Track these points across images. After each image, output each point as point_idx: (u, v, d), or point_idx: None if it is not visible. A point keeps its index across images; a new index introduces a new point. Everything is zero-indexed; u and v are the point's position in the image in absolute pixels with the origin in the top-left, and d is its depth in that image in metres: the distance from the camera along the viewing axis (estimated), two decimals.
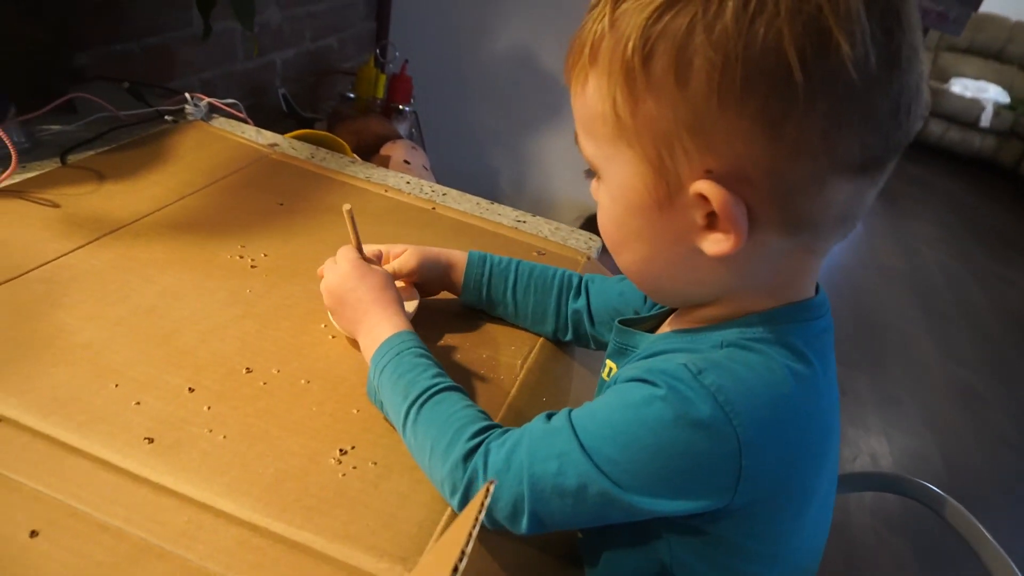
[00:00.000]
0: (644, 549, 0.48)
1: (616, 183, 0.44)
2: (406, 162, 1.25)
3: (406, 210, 0.88)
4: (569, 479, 0.44)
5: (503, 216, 0.92)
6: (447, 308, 0.70)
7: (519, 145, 2.09)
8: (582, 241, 0.90)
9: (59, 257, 0.67)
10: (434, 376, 0.53)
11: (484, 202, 0.95)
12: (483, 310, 0.70)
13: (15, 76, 0.84)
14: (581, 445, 0.44)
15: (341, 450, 0.53)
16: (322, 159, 0.97)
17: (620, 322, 0.56)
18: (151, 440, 0.51)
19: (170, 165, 0.87)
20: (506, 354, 0.66)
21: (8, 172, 0.74)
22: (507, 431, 0.49)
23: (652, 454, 0.42)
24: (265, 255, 0.74)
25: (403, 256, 0.67)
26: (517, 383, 0.63)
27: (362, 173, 0.96)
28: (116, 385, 0.54)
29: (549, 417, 0.48)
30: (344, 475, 0.51)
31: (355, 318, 0.59)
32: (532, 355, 0.67)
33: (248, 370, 0.59)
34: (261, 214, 0.81)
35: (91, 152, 0.86)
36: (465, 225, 0.88)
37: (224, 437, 0.52)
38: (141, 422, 0.52)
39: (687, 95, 0.39)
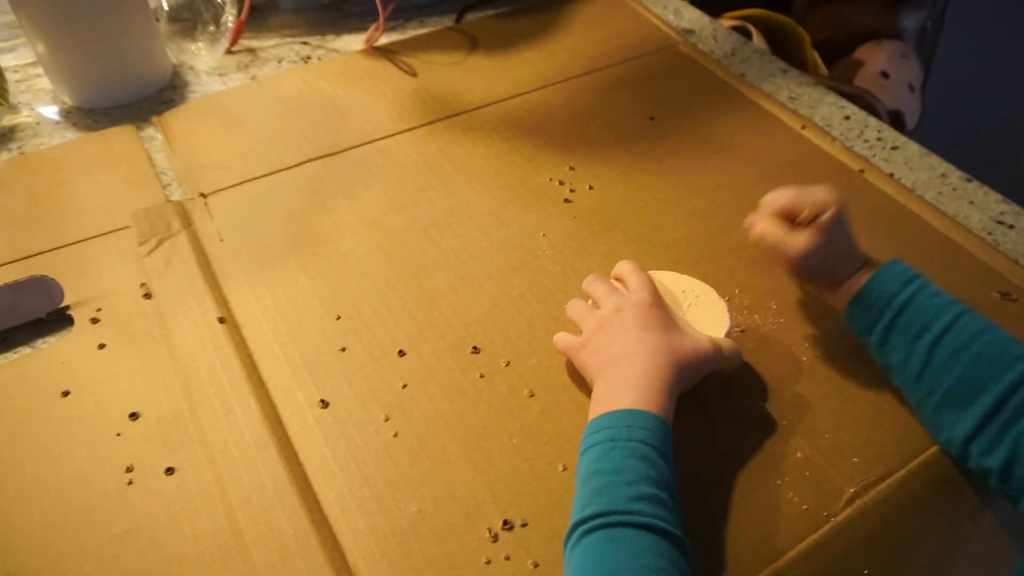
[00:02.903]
0: None
1: None
2: (883, 75, 0.89)
3: (818, 164, 0.61)
4: None
5: (976, 208, 0.58)
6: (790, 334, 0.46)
7: None
8: None
9: (384, 138, 0.62)
10: (636, 498, 0.33)
11: (957, 175, 0.60)
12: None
13: None
14: None
15: (506, 522, 0.38)
16: (744, 59, 0.73)
17: None
18: (326, 405, 0.43)
19: (553, 43, 0.74)
20: (846, 459, 0.41)
21: (378, 33, 0.71)
22: None
23: None
24: (590, 188, 0.58)
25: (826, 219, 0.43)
26: (835, 522, 0.39)
27: (786, 91, 0.69)
28: (338, 318, 0.48)
29: None
30: (489, 563, 0.37)
31: (602, 363, 0.41)
32: (900, 473, 0.40)
33: (475, 350, 0.46)
34: (618, 129, 0.64)
35: (489, 12, 0.78)
36: (898, 210, 0.57)
37: (395, 435, 0.42)
38: (331, 377, 0.45)
39: None
